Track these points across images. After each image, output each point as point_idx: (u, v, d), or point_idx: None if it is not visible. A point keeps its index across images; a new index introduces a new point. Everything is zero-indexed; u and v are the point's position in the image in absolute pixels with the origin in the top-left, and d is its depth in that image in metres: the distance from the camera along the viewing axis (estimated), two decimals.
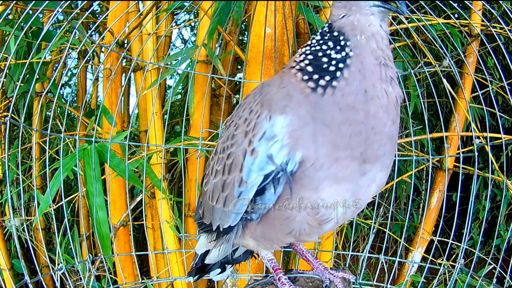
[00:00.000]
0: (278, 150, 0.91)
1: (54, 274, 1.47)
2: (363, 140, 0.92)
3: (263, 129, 0.93)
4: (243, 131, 0.98)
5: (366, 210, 2.75)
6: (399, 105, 0.97)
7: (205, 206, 1.15)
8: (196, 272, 1.40)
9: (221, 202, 1.04)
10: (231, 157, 1.00)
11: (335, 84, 0.91)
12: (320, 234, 1.07)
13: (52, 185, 1.58)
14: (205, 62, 2.25)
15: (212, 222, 1.11)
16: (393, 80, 0.96)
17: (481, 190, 3.01)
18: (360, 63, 0.92)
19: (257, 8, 1.86)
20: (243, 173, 0.96)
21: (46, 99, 2.65)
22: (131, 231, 2.01)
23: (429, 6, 1.74)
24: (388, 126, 0.94)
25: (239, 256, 1.38)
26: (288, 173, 0.92)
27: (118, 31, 2.09)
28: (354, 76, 0.91)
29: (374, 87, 0.92)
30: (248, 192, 0.96)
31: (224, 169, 1.02)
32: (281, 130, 0.92)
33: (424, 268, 1.82)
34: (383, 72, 0.93)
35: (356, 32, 0.94)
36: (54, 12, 1.49)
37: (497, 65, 1.67)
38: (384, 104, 0.92)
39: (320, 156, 0.91)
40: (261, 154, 0.93)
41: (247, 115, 0.99)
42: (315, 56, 0.96)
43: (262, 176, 0.94)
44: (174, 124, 3.07)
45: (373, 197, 2.09)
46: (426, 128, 1.74)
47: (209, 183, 1.10)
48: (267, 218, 1.00)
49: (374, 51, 0.93)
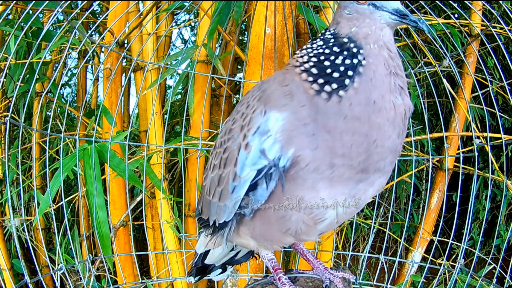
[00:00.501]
0: (271, 145, 0.91)
1: (54, 274, 1.47)
2: (363, 151, 0.90)
3: (257, 124, 0.93)
4: (240, 125, 0.98)
5: (366, 210, 2.75)
6: (407, 117, 0.95)
7: (203, 201, 1.16)
8: (197, 272, 1.40)
9: (217, 197, 1.04)
10: (227, 151, 1.01)
11: (342, 93, 0.89)
12: (318, 234, 1.06)
13: (52, 185, 1.58)
14: (205, 62, 2.25)
15: (209, 217, 1.11)
16: (403, 89, 0.94)
17: (481, 190, 3.01)
18: (373, 72, 0.90)
19: (257, 8, 1.86)
20: (237, 167, 0.96)
21: (46, 99, 2.65)
22: (131, 231, 2.01)
23: (429, 6, 1.74)
24: (392, 140, 0.92)
25: (240, 258, 1.39)
26: (280, 168, 0.91)
27: (118, 31, 2.09)
28: (364, 86, 0.89)
29: (383, 98, 0.90)
30: (242, 187, 0.96)
31: (221, 163, 1.02)
32: (274, 125, 0.91)
33: (424, 268, 1.82)
34: (392, 82, 0.91)
35: (369, 40, 0.92)
36: (54, 12, 1.49)
37: (497, 65, 1.67)
38: (391, 117, 0.91)
39: (316, 159, 0.90)
40: (254, 149, 0.93)
41: (244, 110, 0.99)
42: (319, 59, 0.94)
43: (255, 171, 0.94)
44: (174, 124, 3.07)
45: (373, 197, 2.10)
46: (426, 128, 1.74)
47: (207, 178, 1.11)
48: (263, 217, 1.00)
49: (386, 60, 0.92)
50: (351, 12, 0.95)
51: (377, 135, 0.90)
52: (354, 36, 0.94)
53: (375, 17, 0.93)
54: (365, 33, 0.93)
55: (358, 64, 0.91)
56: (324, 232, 1.10)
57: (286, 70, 1.00)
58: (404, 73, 0.97)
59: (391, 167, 1.01)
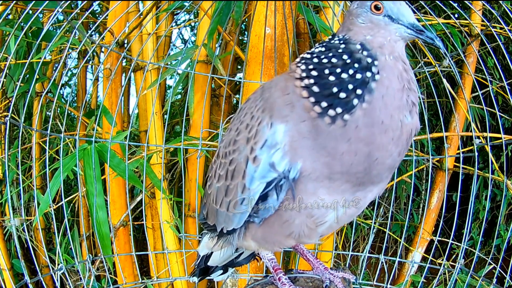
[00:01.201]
0: (280, 159, 0.89)
1: (54, 274, 1.47)
2: (362, 169, 0.88)
3: (265, 137, 0.91)
4: (245, 137, 0.96)
5: (366, 210, 2.75)
6: (412, 137, 0.92)
7: (209, 208, 1.15)
8: (200, 273, 1.41)
9: (224, 207, 1.04)
10: (233, 163, 0.99)
11: (347, 117, 0.84)
12: (319, 237, 1.06)
13: (52, 185, 1.58)
14: (205, 62, 2.25)
15: (217, 224, 1.11)
16: (414, 106, 0.90)
17: (481, 190, 3.01)
18: (386, 88, 0.85)
19: (257, 8, 1.86)
20: (245, 180, 0.95)
21: (46, 99, 2.65)
22: (131, 231, 2.01)
23: (429, 6, 1.74)
24: (392, 158, 0.89)
25: (242, 260, 1.39)
26: (290, 180, 0.90)
27: (118, 31, 2.09)
28: (375, 105, 0.84)
29: (391, 118, 0.85)
30: (252, 199, 0.95)
31: (227, 174, 1.01)
32: (283, 138, 0.89)
33: (424, 268, 1.82)
34: (404, 98, 0.87)
35: (384, 51, 0.87)
36: (54, 12, 1.49)
37: (497, 65, 1.67)
38: (396, 137, 0.86)
39: (315, 171, 0.89)
40: (263, 162, 0.91)
41: (249, 121, 0.97)
42: (322, 73, 0.88)
43: (264, 184, 0.93)
44: (174, 124, 3.07)
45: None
46: (426, 128, 1.74)
47: (212, 186, 1.10)
48: (267, 221, 1.00)
49: (400, 74, 0.87)
50: (365, 21, 0.90)
51: (379, 155, 0.87)
52: (368, 44, 0.88)
53: (390, 29, 0.89)
54: (380, 43, 0.88)
55: (371, 78, 0.85)
56: (324, 234, 1.10)
57: (289, 77, 0.95)
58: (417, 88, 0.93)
59: (389, 177, 1.00)
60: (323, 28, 1.88)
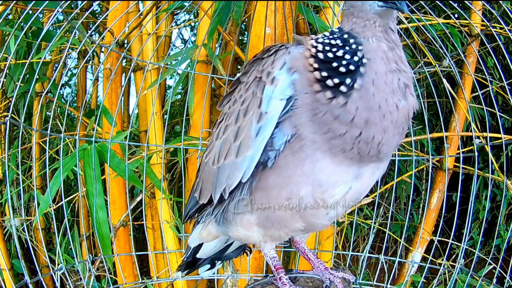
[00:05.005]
0: (299, 78, 0.90)
1: (54, 274, 1.47)
2: (364, 150, 0.89)
3: (283, 60, 0.92)
4: (258, 76, 0.96)
5: (366, 210, 2.76)
6: (411, 117, 0.93)
7: (203, 182, 1.11)
8: (186, 267, 1.40)
9: (233, 154, 0.98)
10: (246, 102, 0.97)
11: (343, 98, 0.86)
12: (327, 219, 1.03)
13: (52, 185, 1.58)
14: (205, 62, 2.25)
15: (215, 191, 1.05)
16: (408, 87, 0.91)
17: (481, 190, 3.01)
18: (374, 72, 0.87)
19: (257, 8, 1.87)
20: (262, 106, 0.92)
21: (46, 99, 2.65)
22: (131, 231, 2.01)
23: (429, 6, 1.74)
24: (393, 138, 0.91)
25: (231, 253, 1.37)
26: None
27: (118, 31, 2.09)
28: (368, 88, 0.86)
29: (386, 102, 0.87)
30: (269, 124, 0.92)
31: (239, 115, 0.98)
32: (299, 63, 0.91)
33: (424, 268, 1.82)
34: (395, 81, 0.88)
35: (367, 34, 0.89)
36: (54, 12, 1.49)
37: (497, 65, 1.67)
38: (394, 119, 0.88)
39: (315, 141, 0.89)
40: (282, 81, 0.91)
41: (260, 67, 0.97)
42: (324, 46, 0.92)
43: (284, 101, 0.90)
44: (174, 124, 3.07)
45: (373, 197, 2.10)
46: (426, 128, 1.74)
47: (213, 148, 1.06)
48: (271, 188, 0.96)
49: (385, 55, 0.88)
50: (347, 6, 0.93)
51: (380, 138, 0.89)
52: (353, 31, 0.91)
53: (365, 8, 0.89)
54: (362, 26, 0.90)
55: (359, 62, 0.87)
56: (331, 219, 1.05)
57: (303, 40, 0.97)
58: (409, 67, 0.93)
59: (390, 155, 1.00)
60: (323, 28, 1.87)
